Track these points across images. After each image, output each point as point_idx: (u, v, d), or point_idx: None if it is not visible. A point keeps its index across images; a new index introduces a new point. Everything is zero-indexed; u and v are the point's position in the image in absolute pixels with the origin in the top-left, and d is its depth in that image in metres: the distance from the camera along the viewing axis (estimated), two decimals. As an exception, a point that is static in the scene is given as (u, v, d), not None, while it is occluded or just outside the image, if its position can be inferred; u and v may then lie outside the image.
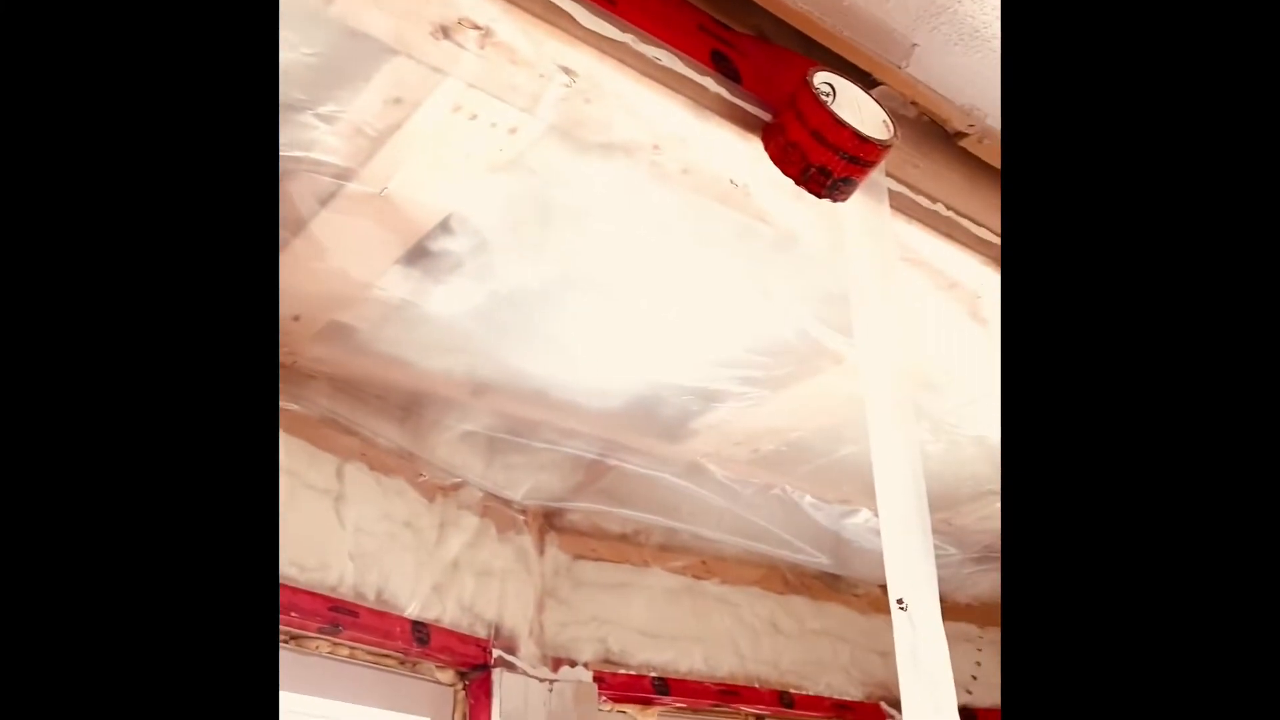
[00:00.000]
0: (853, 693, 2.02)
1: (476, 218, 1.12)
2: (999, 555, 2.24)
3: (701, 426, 1.57)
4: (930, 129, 1.14)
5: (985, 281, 1.20)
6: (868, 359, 0.96)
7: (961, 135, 1.13)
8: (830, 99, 0.92)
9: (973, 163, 1.17)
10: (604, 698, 1.69)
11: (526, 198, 1.06)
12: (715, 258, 1.19)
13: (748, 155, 0.98)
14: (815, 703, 1.96)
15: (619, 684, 1.70)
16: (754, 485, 1.78)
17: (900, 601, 0.84)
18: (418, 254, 1.17)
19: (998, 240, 1.19)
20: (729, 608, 1.92)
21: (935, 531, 2.06)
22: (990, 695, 2.20)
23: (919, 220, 1.11)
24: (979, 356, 1.38)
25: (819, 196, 0.94)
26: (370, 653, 1.42)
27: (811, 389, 1.46)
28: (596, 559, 1.78)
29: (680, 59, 0.92)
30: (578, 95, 0.91)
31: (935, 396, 1.50)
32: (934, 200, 1.13)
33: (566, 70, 0.88)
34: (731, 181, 1.03)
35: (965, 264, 1.17)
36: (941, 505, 1.92)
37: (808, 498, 1.84)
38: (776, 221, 1.10)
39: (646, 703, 1.75)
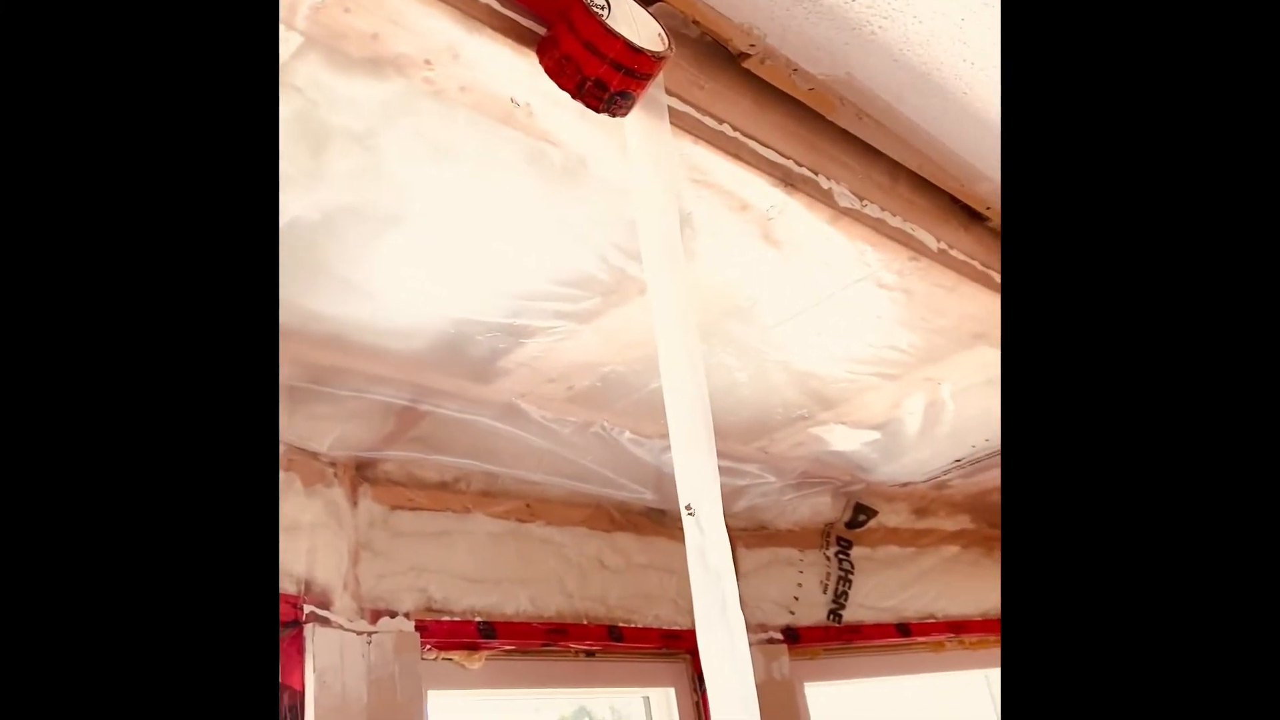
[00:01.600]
0: (681, 621, 2.07)
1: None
2: (815, 481, 2.34)
3: (512, 365, 1.55)
4: (714, 50, 1.14)
5: (775, 203, 1.23)
6: (652, 278, 0.96)
7: (744, 56, 1.14)
8: (604, 12, 0.91)
9: (757, 84, 1.19)
10: (428, 646, 1.66)
11: (294, 119, 1.00)
12: (507, 185, 1.16)
13: (525, 71, 0.95)
14: (644, 634, 2.00)
15: (443, 631, 1.68)
16: (572, 424, 1.78)
17: (689, 507, 0.86)
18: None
19: (785, 161, 1.21)
20: (555, 548, 1.92)
21: (753, 460, 2.14)
22: (811, 615, 2.31)
23: (706, 140, 1.12)
24: (776, 279, 1.42)
25: (597, 110, 0.93)
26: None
27: (620, 320, 1.46)
28: (414, 508, 1.74)
29: (444, -34, 0.88)
30: (335, 4, 0.86)
31: (740, 323, 1.53)
32: (720, 121, 1.14)
33: (320, -26, 0.83)
34: (513, 100, 1.00)
35: (754, 185, 1.19)
36: (757, 434, 1.98)
37: (627, 434, 1.86)
38: (564, 144, 1.08)
39: (473, 648, 1.73)
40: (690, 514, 0.85)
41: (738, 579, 2.28)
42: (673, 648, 2.05)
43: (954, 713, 2.75)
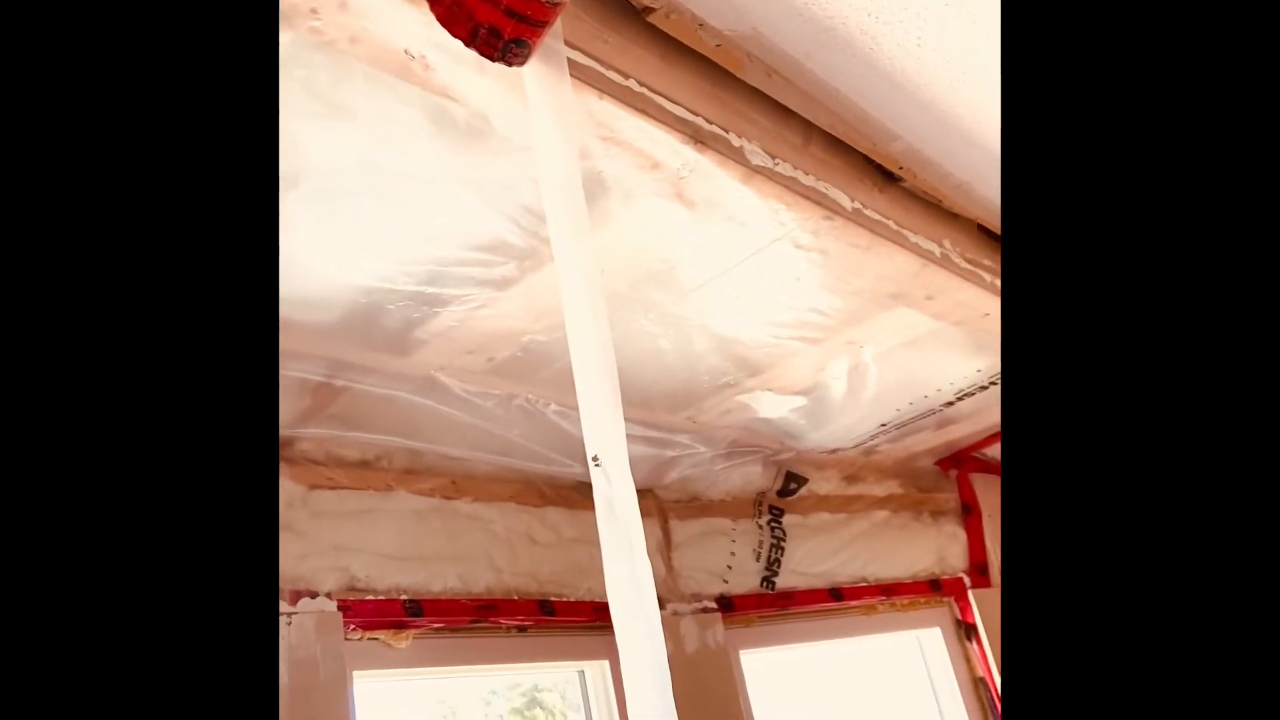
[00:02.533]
0: (614, 594, 2.06)
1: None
2: (745, 450, 2.34)
3: (429, 336, 1.52)
4: (617, 3, 1.12)
5: (686, 161, 1.22)
6: (554, 222, 0.94)
7: (649, 10, 1.13)
8: (498, -42, 0.88)
9: (663, 39, 1.17)
10: (352, 626, 1.63)
11: (177, 74, 0.95)
12: (410, 145, 1.13)
13: (418, 21, 0.92)
14: (577, 608, 1.99)
15: (367, 610, 1.65)
16: (495, 397, 1.76)
17: (595, 459, 0.85)
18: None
19: (694, 118, 1.20)
20: (482, 525, 1.90)
21: (683, 430, 2.13)
22: (745, 583, 2.33)
23: (611, 95, 1.10)
24: (693, 241, 1.41)
25: (492, 59, 0.91)
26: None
27: (535, 286, 1.44)
28: (334, 487, 1.70)
29: (328, -91, 0.85)
30: (212, -53, 0.82)
31: (659, 288, 1.52)
32: (625, 76, 1.12)
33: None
34: (407, 52, 0.97)
35: (664, 143, 1.18)
36: (684, 402, 1.98)
37: (553, 406, 1.84)
38: (465, 100, 1.06)
39: (400, 627, 1.71)
40: (597, 465, 0.84)
41: (670, 551, 2.28)
42: (606, 620, 2.04)
43: (887, 674, 2.80)
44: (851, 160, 1.48)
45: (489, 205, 1.26)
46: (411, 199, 1.23)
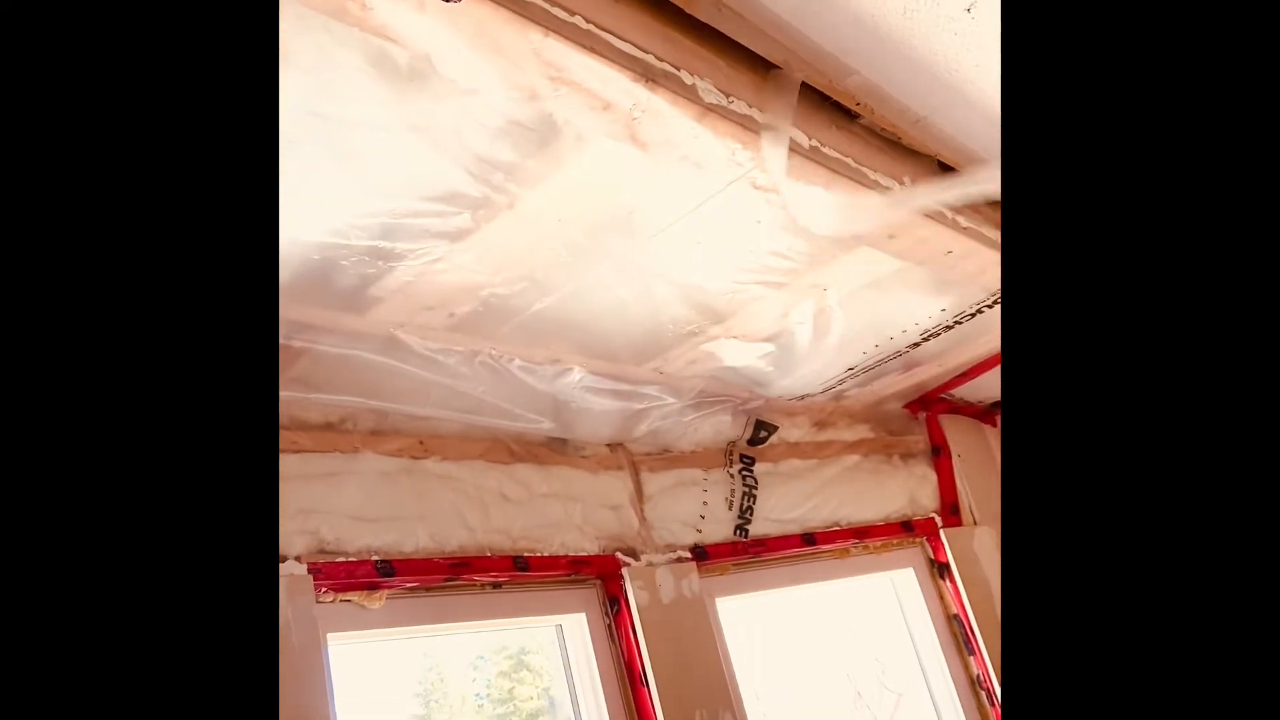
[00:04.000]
0: (588, 548, 2.06)
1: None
2: (714, 400, 2.34)
3: (385, 292, 1.50)
4: (559, -63, 1.09)
5: (638, 101, 1.19)
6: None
7: (592, -57, 1.10)
8: (430, -113, 0.85)
9: (608, -26, 1.14)
10: (324, 589, 1.62)
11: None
12: (352, 90, 1.10)
13: (350, -44, 0.89)
14: (551, 562, 1.99)
15: (338, 573, 1.64)
16: (458, 354, 1.74)
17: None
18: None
19: (644, 55, 1.18)
20: (452, 483, 1.89)
21: (650, 382, 2.12)
22: (718, 532, 2.34)
23: (557, 33, 1.07)
24: (650, 185, 1.39)
25: (428, -7, 0.88)
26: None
27: (492, 237, 1.41)
28: (299, 451, 1.68)
29: None
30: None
31: (618, 235, 1.50)
32: (571, 13, 1.09)
33: None
34: (341, -10, 0.94)
35: (614, 82, 1.15)
36: (649, 353, 1.97)
37: (517, 361, 1.83)
38: (406, 40, 1.02)
39: (372, 587, 1.70)
40: None
41: (643, 503, 2.28)
42: (582, 573, 2.05)
43: (862, 615, 2.84)
44: (807, 97, 1.46)
45: (439, 152, 1.23)
46: (358, 148, 1.19)
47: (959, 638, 2.59)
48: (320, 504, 1.66)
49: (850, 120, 1.55)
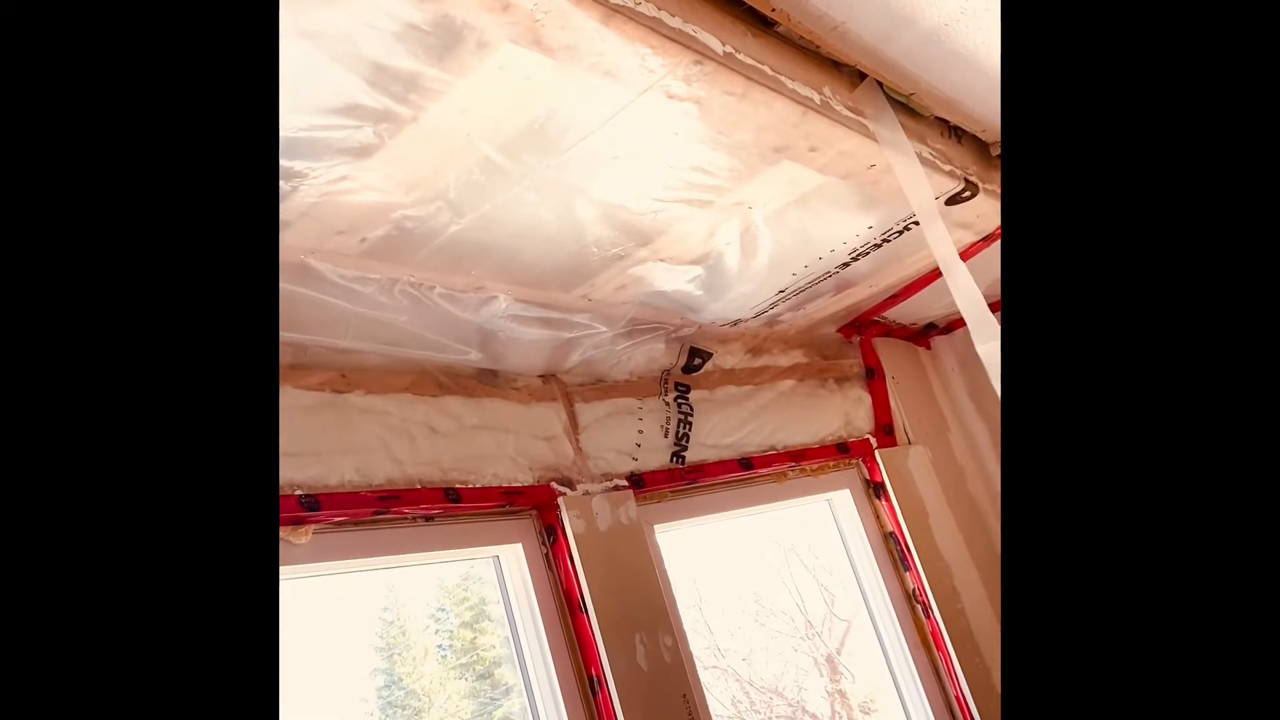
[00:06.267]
0: (522, 478, 2.05)
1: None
2: (646, 327, 2.32)
3: (292, 216, 1.44)
4: None
5: (540, 2, 1.15)
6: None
7: None
8: None
9: None
10: (245, 526, 1.58)
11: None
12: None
13: None
14: (484, 494, 1.97)
15: (260, 509, 1.60)
16: (375, 282, 1.69)
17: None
18: None
19: (542, -48, 1.13)
20: (378, 417, 1.85)
21: (579, 310, 2.09)
22: (655, 459, 2.33)
23: (446, -76, 1.02)
24: (560, 94, 1.35)
25: None
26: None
27: (399, 153, 1.36)
28: (213, 386, 1.62)
29: None
30: None
31: (533, 150, 1.46)
32: (461, -98, 1.04)
33: None
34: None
35: (511, -21, 1.11)
36: (576, 279, 1.94)
37: (438, 289, 1.78)
38: (283, -69, 0.97)
39: (297, 522, 1.66)
40: None
41: (578, 433, 2.27)
42: (516, 504, 2.04)
43: (808, 544, 2.88)
44: (721, 2, 1.42)
45: (333, 60, 1.17)
46: (245, 56, 1.13)
47: (894, 555, 2.64)
48: (238, 440, 1.62)
49: (767, 28, 1.52)
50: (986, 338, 1.56)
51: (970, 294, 1.46)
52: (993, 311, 1.45)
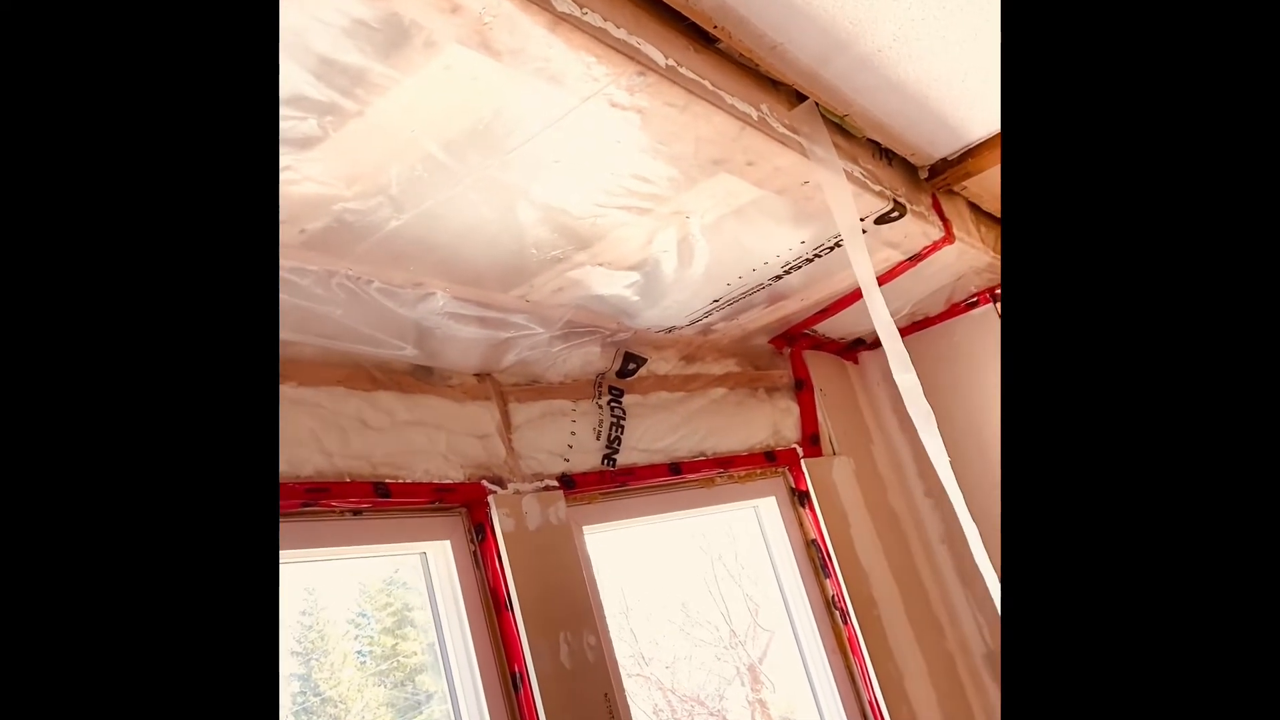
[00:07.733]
0: (453, 475, 2.06)
1: None
2: (583, 330, 2.35)
3: (230, 203, 1.44)
4: None
5: (488, 5, 1.17)
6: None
7: None
8: None
9: None
10: (170, 513, 1.57)
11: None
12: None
13: None
14: (414, 489, 1.97)
15: (185, 496, 1.59)
16: (312, 274, 1.69)
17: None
18: None
19: (493, -42, 1.16)
20: (309, 409, 1.85)
21: (517, 310, 2.12)
22: (586, 461, 2.36)
23: (399, -75, 1.04)
24: (505, 97, 1.38)
25: None
26: None
27: (342, 146, 1.38)
28: (141, 371, 1.61)
29: None
30: None
31: (477, 150, 1.48)
32: (415, -95, 1.06)
33: None
34: None
35: (462, -18, 1.13)
36: (515, 279, 1.96)
37: (376, 283, 1.79)
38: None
39: (223, 512, 1.65)
40: None
41: (510, 433, 2.28)
42: (446, 501, 2.05)
43: (728, 546, 2.93)
44: (665, 17, 1.47)
45: (281, 52, 1.18)
46: (191, 42, 1.14)
47: (816, 561, 2.71)
48: (165, 426, 1.60)
49: (709, 44, 1.57)
50: (902, 369, 1.63)
51: (883, 318, 1.52)
52: (904, 337, 1.50)
